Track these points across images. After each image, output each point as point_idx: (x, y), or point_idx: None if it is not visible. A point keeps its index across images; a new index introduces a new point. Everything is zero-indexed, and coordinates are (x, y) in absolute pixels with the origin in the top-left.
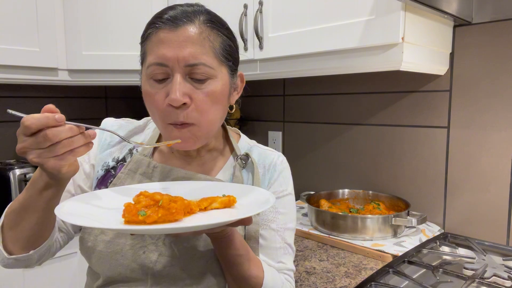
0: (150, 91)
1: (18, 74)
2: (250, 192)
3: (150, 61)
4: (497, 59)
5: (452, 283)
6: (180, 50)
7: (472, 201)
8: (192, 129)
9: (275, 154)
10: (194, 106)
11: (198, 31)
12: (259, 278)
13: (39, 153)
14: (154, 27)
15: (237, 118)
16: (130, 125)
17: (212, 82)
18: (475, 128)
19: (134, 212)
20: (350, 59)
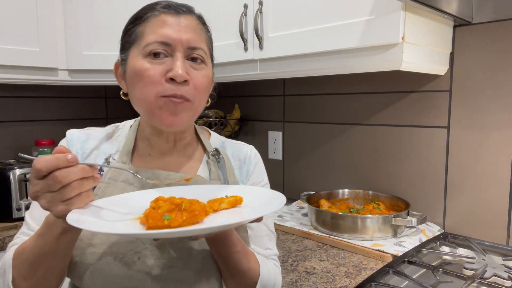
0: (146, 66)
1: (18, 74)
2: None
3: (151, 39)
4: (497, 59)
5: (452, 283)
6: (183, 33)
7: (472, 201)
8: (187, 105)
9: (248, 147)
10: (192, 85)
11: (196, 22)
12: (256, 270)
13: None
14: (155, 11)
15: (237, 118)
16: (97, 133)
17: (206, 67)
18: (475, 128)
19: (158, 217)
20: (350, 59)
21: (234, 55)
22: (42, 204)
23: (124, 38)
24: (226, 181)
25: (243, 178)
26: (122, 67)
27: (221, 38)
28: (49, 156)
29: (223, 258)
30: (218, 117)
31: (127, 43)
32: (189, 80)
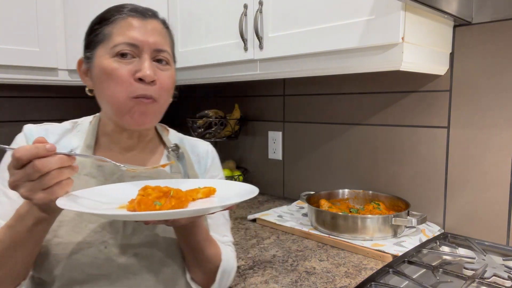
0: (114, 66)
1: (18, 74)
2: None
3: (119, 41)
4: (497, 59)
5: (452, 283)
6: (150, 36)
7: (472, 201)
8: (155, 105)
9: (204, 143)
10: (159, 84)
11: (161, 26)
12: (218, 255)
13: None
14: (122, 13)
15: (237, 118)
16: (56, 129)
17: (170, 68)
18: (475, 128)
19: (150, 203)
20: (350, 59)
21: (234, 55)
22: (22, 193)
23: (89, 37)
24: (186, 175)
25: (201, 172)
26: (86, 65)
27: (221, 38)
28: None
29: (191, 246)
30: (218, 117)
31: (93, 42)
32: (156, 80)
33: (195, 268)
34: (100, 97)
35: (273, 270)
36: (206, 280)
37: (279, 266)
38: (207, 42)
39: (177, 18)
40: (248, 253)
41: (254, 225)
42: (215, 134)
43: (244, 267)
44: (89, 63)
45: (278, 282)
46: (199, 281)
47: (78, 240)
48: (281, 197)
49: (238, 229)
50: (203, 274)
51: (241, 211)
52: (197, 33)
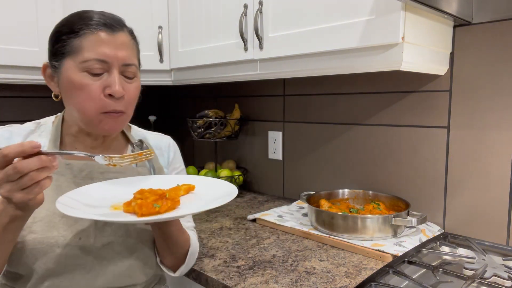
0: (86, 82)
1: (18, 74)
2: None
3: (89, 56)
4: (497, 59)
5: (452, 283)
6: (119, 51)
7: (472, 201)
8: (123, 116)
9: (166, 137)
10: (127, 97)
11: (128, 38)
12: (188, 240)
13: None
14: (91, 27)
15: (237, 118)
16: (20, 130)
17: (137, 80)
18: (475, 128)
19: (150, 206)
20: (350, 59)
21: (234, 55)
22: (2, 193)
23: (55, 46)
24: (152, 167)
25: (165, 164)
26: (53, 72)
27: (221, 38)
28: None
29: (166, 235)
30: (218, 117)
31: (60, 52)
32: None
33: (167, 253)
34: (69, 104)
35: (273, 270)
36: (175, 263)
37: (279, 266)
38: (207, 42)
39: (177, 18)
40: (248, 253)
41: (254, 225)
42: (215, 134)
43: (244, 267)
44: (56, 72)
45: (278, 282)
46: (169, 264)
47: (53, 235)
48: (281, 197)
49: (238, 229)
50: (174, 258)
51: (241, 211)
52: (197, 33)
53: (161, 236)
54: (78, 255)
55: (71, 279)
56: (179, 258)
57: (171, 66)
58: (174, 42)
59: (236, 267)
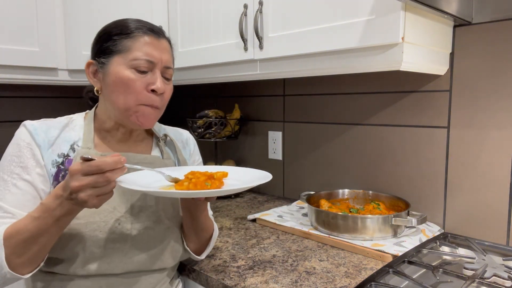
0: (133, 78)
1: (18, 74)
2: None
3: (139, 56)
4: (497, 59)
5: (452, 283)
6: (163, 54)
7: (472, 201)
8: (157, 111)
9: (185, 131)
10: (164, 96)
11: (168, 45)
12: (211, 226)
13: (91, 192)
14: (142, 33)
15: (237, 118)
16: (55, 123)
17: (171, 82)
18: (475, 128)
19: (203, 184)
20: (350, 59)
21: (234, 55)
22: (82, 197)
23: (105, 43)
24: (176, 159)
25: (187, 156)
26: (99, 68)
27: (221, 38)
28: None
29: (194, 218)
30: (218, 117)
31: (109, 50)
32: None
33: (193, 237)
34: (110, 100)
35: (273, 270)
36: (199, 247)
37: (279, 266)
38: (207, 42)
39: (177, 18)
40: (248, 253)
41: (254, 225)
42: (215, 134)
43: (244, 267)
44: (102, 68)
45: (278, 282)
46: (193, 249)
47: (95, 220)
48: (281, 197)
49: (238, 229)
50: (199, 242)
51: (241, 211)
52: (197, 33)
53: (191, 221)
54: (117, 239)
55: (110, 262)
56: (203, 243)
57: None
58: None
59: (236, 267)
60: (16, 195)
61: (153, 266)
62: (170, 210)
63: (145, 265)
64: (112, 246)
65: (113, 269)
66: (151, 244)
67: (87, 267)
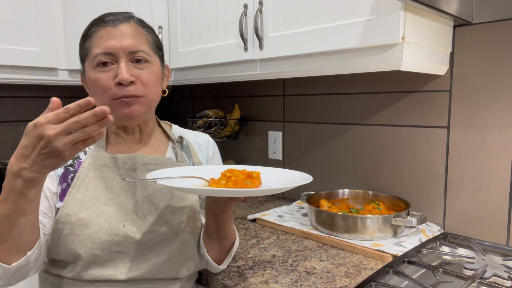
0: (98, 76)
1: (18, 74)
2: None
3: (96, 52)
4: (497, 59)
5: (452, 283)
6: (123, 41)
7: (472, 201)
8: (141, 100)
9: (205, 135)
10: (140, 83)
11: (133, 28)
12: (234, 234)
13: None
14: (97, 26)
15: (237, 118)
16: None
17: (150, 65)
18: (475, 128)
19: (243, 182)
20: (350, 59)
21: (234, 55)
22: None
23: (79, 53)
24: (191, 163)
25: (205, 160)
26: (84, 78)
27: (221, 38)
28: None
29: (219, 224)
30: (218, 117)
31: (82, 58)
32: (136, 80)
33: (215, 244)
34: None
35: (273, 270)
36: (219, 255)
37: (279, 266)
38: (207, 42)
39: (177, 18)
40: (248, 253)
41: (254, 225)
42: (215, 134)
43: (244, 267)
44: (84, 77)
45: (278, 282)
46: (214, 257)
47: (99, 221)
48: (281, 197)
49: (238, 229)
50: (219, 250)
51: (241, 211)
52: (197, 33)
53: (215, 226)
54: (121, 242)
55: (114, 267)
56: (224, 250)
57: (171, 66)
58: (174, 42)
59: (236, 267)
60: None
61: (161, 274)
62: (181, 215)
63: (152, 273)
64: (116, 249)
65: (117, 275)
66: (158, 250)
67: (91, 272)
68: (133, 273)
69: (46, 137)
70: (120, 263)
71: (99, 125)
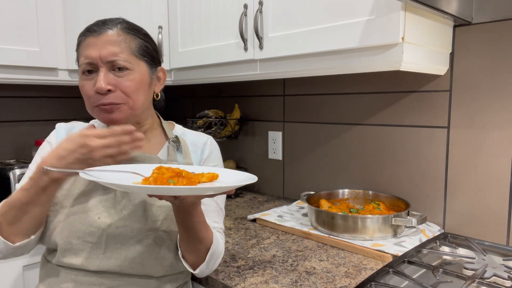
0: (82, 83)
1: (18, 74)
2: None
3: (81, 61)
4: (497, 59)
5: (452, 283)
6: (101, 50)
7: (472, 201)
8: (121, 107)
9: (205, 136)
10: (120, 90)
11: (116, 35)
12: (210, 238)
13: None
14: (83, 36)
15: (237, 118)
16: (82, 125)
17: (131, 72)
18: (475, 128)
19: (165, 181)
20: (350, 59)
21: (234, 55)
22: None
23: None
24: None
25: (197, 161)
26: None
27: (221, 38)
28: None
29: (187, 226)
30: (218, 117)
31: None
32: (114, 88)
33: (188, 247)
34: None
35: (273, 270)
36: (195, 259)
37: (279, 266)
38: (207, 42)
39: (177, 18)
40: (248, 253)
41: (254, 225)
42: (215, 134)
43: (244, 267)
44: None
45: (278, 282)
46: (189, 261)
47: (77, 210)
48: (281, 197)
49: (238, 229)
50: (194, 254)
51: (241, 211)
52: (197, 33)
53: (182, 226)
54: (94, 233)
55: (87, 257)
56: (200, 255)
57: (171, 66)
58: (174, 42)
59: (236, 267)
60: None
61: (132, 270)
62: (158, 213)
63: (123, 267)
64: (90, 240)
65: (89, 266)
66: (129, 245)
67: (66, 259)
68: (103, 265)
69: (89, 147)
70: (93, 254)
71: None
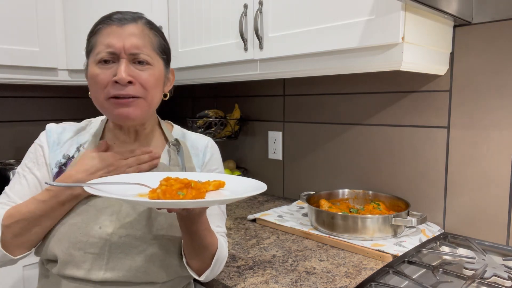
0: (97, 72)
1: (18, 74)
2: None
3: (100, 49)
4: (497, 59)
5: (452, 283)
6: (126, 41)
7: (472, 201)
8: (139, 101)
9: (206, 139)
10: (139, 84)
11: (140, 29)
12: (215, 244)
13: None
14: (104, 24)
15: (237, 118)
16: (73, 127)
17: (151, 68)
18: (475, 128)
19: (174, 193)
20: (350, 59)
21: (234, 55)
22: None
23: (86, 48)
24: (183, 167)
25: (199, 164)
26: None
27: (221, 38)
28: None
29: (192, 234)
30: (218, 117)
31: (86, 53)
32: (134, 81)
33: (192, 254)
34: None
35: (273, 270)
36: (200, 266)
37: (279, 266)
38: (207, 42)
39: (177, 18)
40: (248, 253)
41: (254, 225)
42: (215, 134)
43: (244, 267)
44: (86, 71)
45: (278, 282)
46: (194, 267)
47: (76, 221)
48: (281, 197)
49: (238, 229)
50: (199, 260)
51: (241, 211)
52: (197, 33)
53: (187, 234)
54: (96, 244)
55: (90, 269)
56: (205, 262)
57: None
58: (174, 42)
59: (236, 267)
60: (23, 186)
61: (136, 279)
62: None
63: (127, 277)
64: (92, 251)
65: (92, 277)
66: (134, 254)
67: (69, 270)
68: (106, 276)
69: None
70: (95, 265)
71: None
